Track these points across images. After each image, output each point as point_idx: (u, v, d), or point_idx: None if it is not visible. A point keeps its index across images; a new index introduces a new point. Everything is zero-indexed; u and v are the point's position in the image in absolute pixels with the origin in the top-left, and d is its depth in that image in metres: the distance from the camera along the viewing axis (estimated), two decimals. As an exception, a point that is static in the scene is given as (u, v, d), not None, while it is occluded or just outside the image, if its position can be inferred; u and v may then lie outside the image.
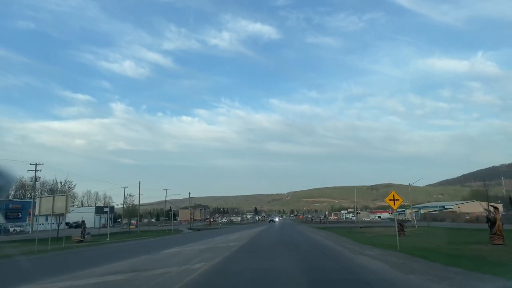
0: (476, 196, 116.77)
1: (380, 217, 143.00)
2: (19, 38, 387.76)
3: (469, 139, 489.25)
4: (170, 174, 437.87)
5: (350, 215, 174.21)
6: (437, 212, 78.55)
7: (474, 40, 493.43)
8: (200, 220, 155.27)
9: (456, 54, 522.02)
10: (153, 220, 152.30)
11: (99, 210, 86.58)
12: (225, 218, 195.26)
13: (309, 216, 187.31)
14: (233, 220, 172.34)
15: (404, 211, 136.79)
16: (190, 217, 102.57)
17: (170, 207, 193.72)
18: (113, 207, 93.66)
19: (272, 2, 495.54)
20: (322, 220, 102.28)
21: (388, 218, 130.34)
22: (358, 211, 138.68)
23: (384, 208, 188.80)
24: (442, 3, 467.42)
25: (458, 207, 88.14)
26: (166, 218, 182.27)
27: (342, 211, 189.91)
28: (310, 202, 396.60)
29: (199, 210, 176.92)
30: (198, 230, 63.60)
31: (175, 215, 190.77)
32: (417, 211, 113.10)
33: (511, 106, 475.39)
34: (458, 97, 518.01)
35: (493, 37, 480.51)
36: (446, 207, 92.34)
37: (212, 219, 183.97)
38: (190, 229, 69.08)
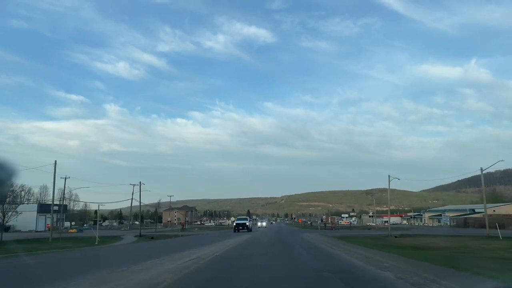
0: (489, 199, 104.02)
1: (387, 222, 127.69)
2: (12, 37, 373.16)
3: (462, 145, 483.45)
4: (164, 176, 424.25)
5: (352, 219, 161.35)
6: (479, 216, 63.24)
7: (467, 47, 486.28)
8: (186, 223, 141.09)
9: (449, 61, 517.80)
10: (136, 223, 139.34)
11: (44, 209, 62.13)
12: (213, 221, 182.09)
13: (307, 220, 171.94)
14: (223, 224, 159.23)
15: (421, 214, 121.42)
16: (170, 220, 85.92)
17: (156, 209, 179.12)
18: (66, 205, 75.40)
19: (267, 5, 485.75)
20: (330, 226, 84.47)
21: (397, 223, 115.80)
22: (371, 214, 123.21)
23: (384, 213, 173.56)
24: (436, 10, 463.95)
25: (494, 210, 73.39)
26: (152, 221, 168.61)
27: (342, 215, 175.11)
28: (304, 206, 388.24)
29: (185, 212, 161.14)
30: (152, 238, 44.66)
31: (160, 218, 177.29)
32: (440, 214, 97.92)
33: (503, 114, 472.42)
34: (451, 104, 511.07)
35: (486, 45, 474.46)
36: (476, 210, 77.12)
37: (199, 222, 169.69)
38: (140, 236, 49.70)
